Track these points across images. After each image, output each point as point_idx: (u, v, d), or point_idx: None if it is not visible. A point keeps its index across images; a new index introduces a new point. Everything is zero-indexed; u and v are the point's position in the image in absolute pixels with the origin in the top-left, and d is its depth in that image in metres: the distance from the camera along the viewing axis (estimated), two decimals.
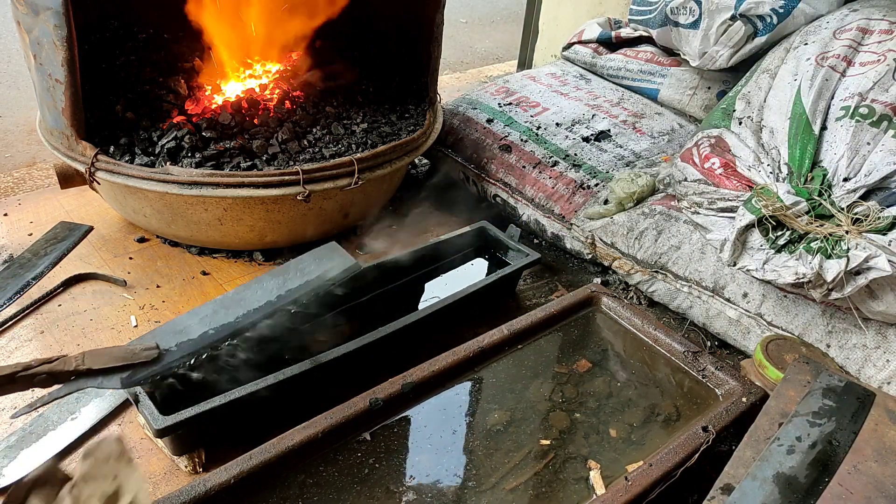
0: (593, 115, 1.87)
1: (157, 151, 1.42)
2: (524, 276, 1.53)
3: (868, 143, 1.26)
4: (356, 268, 1.02)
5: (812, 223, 1.19)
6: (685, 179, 1.45)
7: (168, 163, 1.38)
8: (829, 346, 1.22)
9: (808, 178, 1.28)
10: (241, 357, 1.00)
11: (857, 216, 1.18)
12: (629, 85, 2.06)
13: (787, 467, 0.80)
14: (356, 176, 1.43)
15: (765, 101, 1.47)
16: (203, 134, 1.45)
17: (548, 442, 1.01)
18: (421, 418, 1.04)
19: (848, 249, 1.12)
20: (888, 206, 1.19)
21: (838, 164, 1.26)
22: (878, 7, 1.51)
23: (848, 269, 1.10)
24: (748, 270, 1.25)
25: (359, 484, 0.92)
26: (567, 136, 1.77)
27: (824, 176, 1.26)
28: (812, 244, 1.16)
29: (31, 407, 0.88)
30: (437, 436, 1.01)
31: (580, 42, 2.20)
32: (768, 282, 1.23)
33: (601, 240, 1.53)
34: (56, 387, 0.82)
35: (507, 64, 3.38)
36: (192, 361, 0.90)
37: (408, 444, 1.00)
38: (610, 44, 2.15)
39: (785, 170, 1.32)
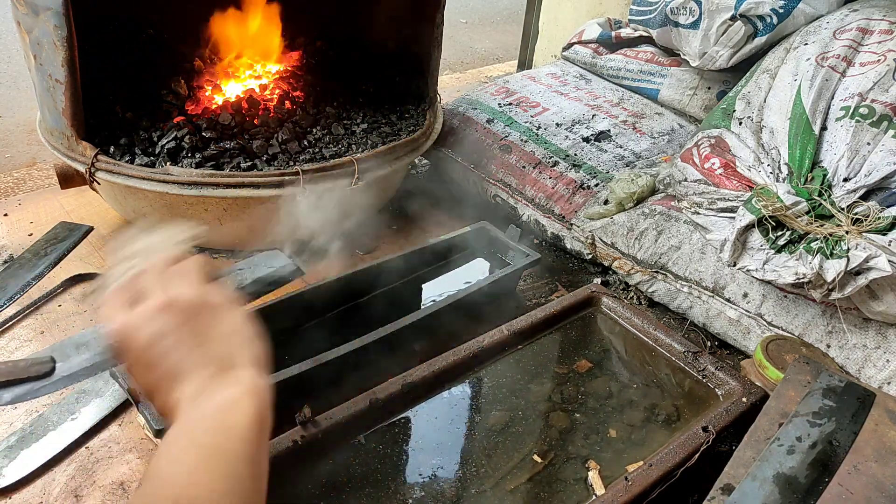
0: (593, 116, 1.87)
1: (157, 151, 1.42)
2: (524, 276, 1.53)
3: (868, 144, 1.26)
4: (293, 271, 1.00)
5: (812, 223, 1.19)
6: (685, 180, 1.45)
7: (168, 163, 1.38)
8: (829, 346, 1.22)
9: (808, 179, 1.28)
10: None
11: (857, 216, 1.19)
12: (629, 85, 2.06)
13: (787, 467, 0.80)
14: (356, 176, 1.43)
15: (765, 102, 1.47)
16: (203, 134, 1.45)
17: (547, 443, 1.01)
18: (421, 418, 1.04)
19: (848, 249, 1.12)
20: (888, 206, 1.19)
21: (838, 164, 1.26)
22: (878, 7, 1.52)
23: (848, 269, 1.10)
24: (748, 271, 1.25)
25: (359, 484, 0.92)
26: (567, 137, 1.77)
27: (824, 176, 1.26)
28: (812, 244, 1.16)
29: None
30: (436, 436, 1.01)
31: (580, 42, 2.20)
32: (768, 282, 1.23)
33: (601, 240, 1.53)
34: None
35: (507, 64, 3.38)
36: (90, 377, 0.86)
37: (408, 444, 1.00)
38: (610, 44, 2.15)
39: (785, 170, 1.32)
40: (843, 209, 1.20)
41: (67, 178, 1.43)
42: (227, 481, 0.47)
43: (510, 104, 1.90)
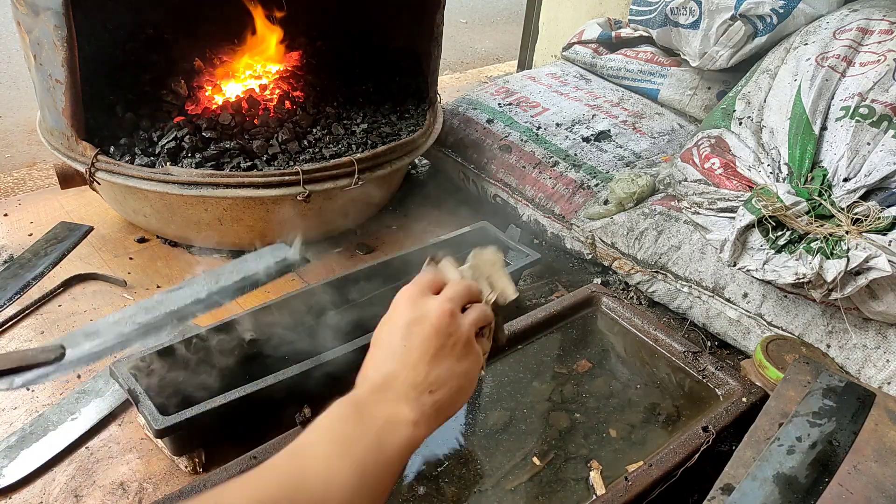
0: (593, 116, 1.87)
1: (157, 152, 1.42)
2: (524, 276, 1.53)
3: (868, 144, 1.26)
4: (296, 261, 1.03)
5: (812, 223, 1.19)
6: (685, 179, 1.45)
7: (168, 163, 1.38)
8: (829, 346, 1.22)
9: (808, 179, 1.28)
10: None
11: (857, 216, 1.18)
12: (629, 85, 2.06)
13: (787, 467, 0.80)
14: (356, 176, 1.43)
15: (765, 102, 1.47)
16: (203, 134, 1.45)
17: (548, 443, 1.01)
18: None
19: (848, 249, 1.12)
20: (888, 206, 1.19)
21: (838, 164, 1.26)
22: (878, 7, 1.51)
23: (848, 269, 1.10)
24: (748, 271, 1.25)
25: None
26: (567, 137, 1.77)
27: (824, 176, 1.26)
28: (812, 244, 1.16)
29: None
30: (436, 436, 1.01)
31: (580, 42, 2.20)
32: (768, 282, 1.23)
33: (601, 240, 1.53)
34: None
35: (507, 64, 3.38)
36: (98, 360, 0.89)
37: None
38: (610, 44, 2.15)
39: (785, 170, 1.32)
40: (843, 209, 1.20)
41: (67, 178, 1.43)
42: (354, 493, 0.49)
43: (510, 104, 1.90)
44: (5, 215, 1.62)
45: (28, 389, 1.12)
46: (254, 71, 1.73)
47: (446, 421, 0.60)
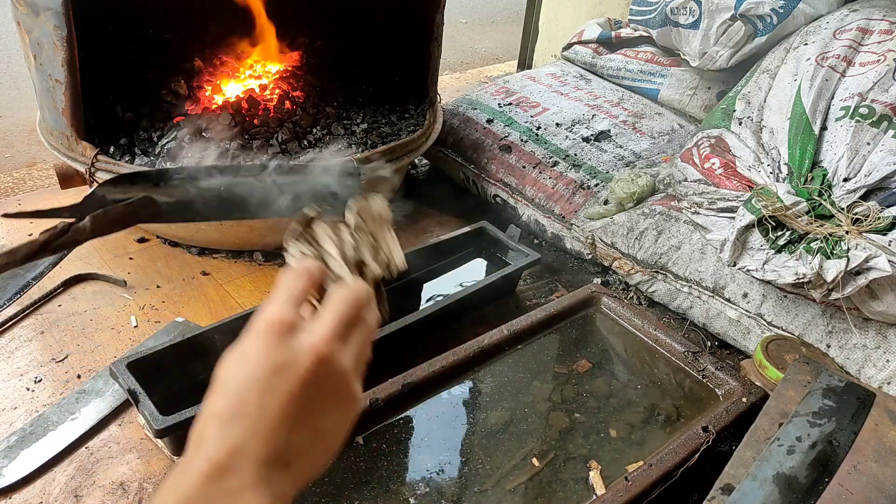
0: (593, 116, 1.87)
1: (157, 152, 1.42)
2: (524, 276, 1.53)
3: (868, 143, 1.26)
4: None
5: (812, 223, 1.19)
6: (685, 179, 1.45)
7: (168, 163, 1.38)
8: (829, 346, 1.22)
9: (808, 179, 1.28)
10: None
11: (857, 216, 1.19)
12: (629, 85, 2.06)
13: (787, 467, 0.80)
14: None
15: (765, 102, 1.47)
16: (203, 134, 1.45)
17: (547, 443, 1.01)
18: (421, 418, 1.04)
19: (848, 249, 1.12)
20: (888, 206, 1.19)
21: (838, 164, 1.26)
22: (878, 7, 1.52)
23: (848, 269, 1.10)
24: (748, 271, 1.25)
25: (359, 484, 0.92)
26: (567, 137, 1.77)
27: (824, 176, 1.26)
28: (812, 244, 1.16)
29: None
30: (436, 436, 1.01)
31: (580, 42, 2.20)
32: (768, 282, 1.23)
33: (601, 240, 1.53)
34: None
35: (507, 64, 3.38)
36: None
37: (408, 444, 1.00)
38: (610, 44, 2.15)
39: (785, 170, 1.32)
40: (843, 209, 1.20)
41: (67, 178, 1.43)
42: None
43: (510, 104, 1.90)
44: (5, 215, 1.61)
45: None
46: (254, 71, 1.73)
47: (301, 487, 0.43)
